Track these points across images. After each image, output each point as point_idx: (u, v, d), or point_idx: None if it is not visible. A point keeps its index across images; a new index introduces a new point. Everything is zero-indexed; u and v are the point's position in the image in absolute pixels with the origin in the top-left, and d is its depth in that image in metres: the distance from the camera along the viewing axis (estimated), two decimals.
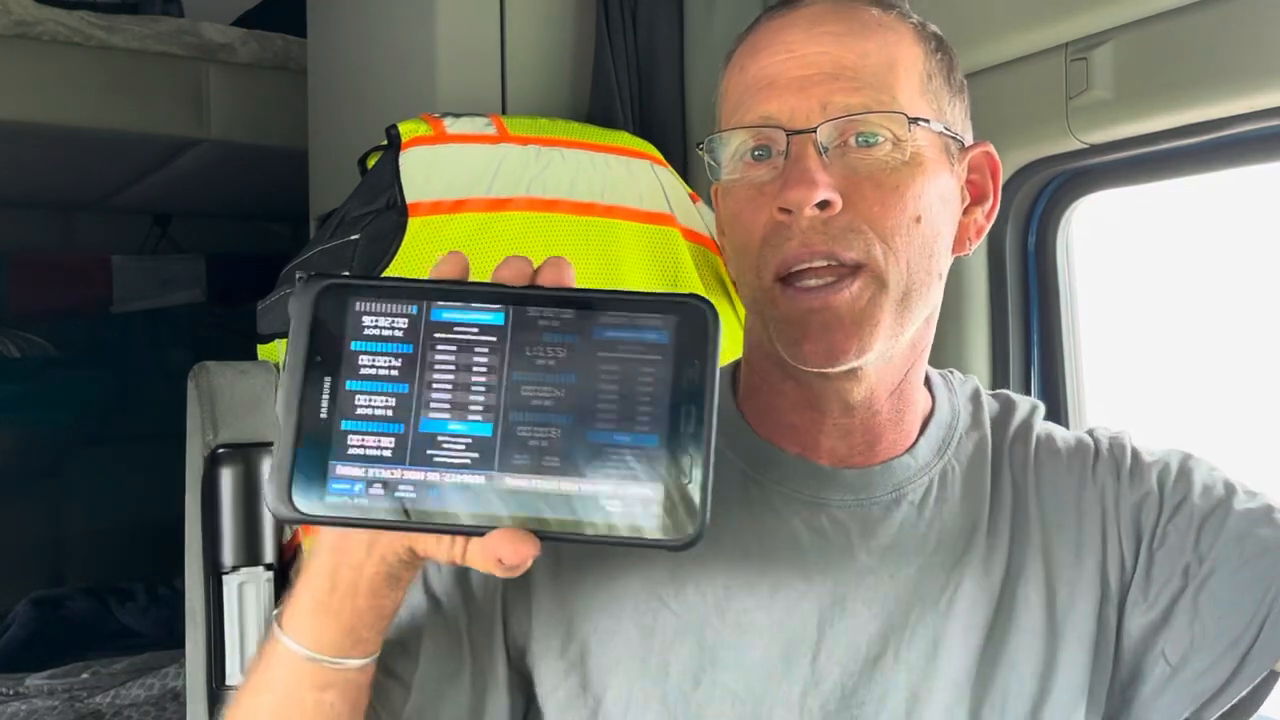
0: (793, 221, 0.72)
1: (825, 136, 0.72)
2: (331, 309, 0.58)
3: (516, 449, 0.56)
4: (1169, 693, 0.76)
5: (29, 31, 2.07)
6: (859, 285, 0.72)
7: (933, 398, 0.83)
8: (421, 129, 1.24)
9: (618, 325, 0.57)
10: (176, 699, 2.16)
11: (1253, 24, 0.95)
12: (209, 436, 1.13)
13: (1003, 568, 0.77)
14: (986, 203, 0.81)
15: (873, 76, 0.73)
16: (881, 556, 0.77)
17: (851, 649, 0.74)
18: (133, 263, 3.23)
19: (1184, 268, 1.30)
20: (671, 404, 0.56)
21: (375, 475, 0.57)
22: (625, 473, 0.56)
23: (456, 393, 0.57)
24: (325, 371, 0.57)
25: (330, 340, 0.57)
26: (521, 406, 0.56)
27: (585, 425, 0.56)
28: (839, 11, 0.75)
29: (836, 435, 0.79)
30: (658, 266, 1.33)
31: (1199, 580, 0.75)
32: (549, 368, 0.57)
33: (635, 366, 0.56)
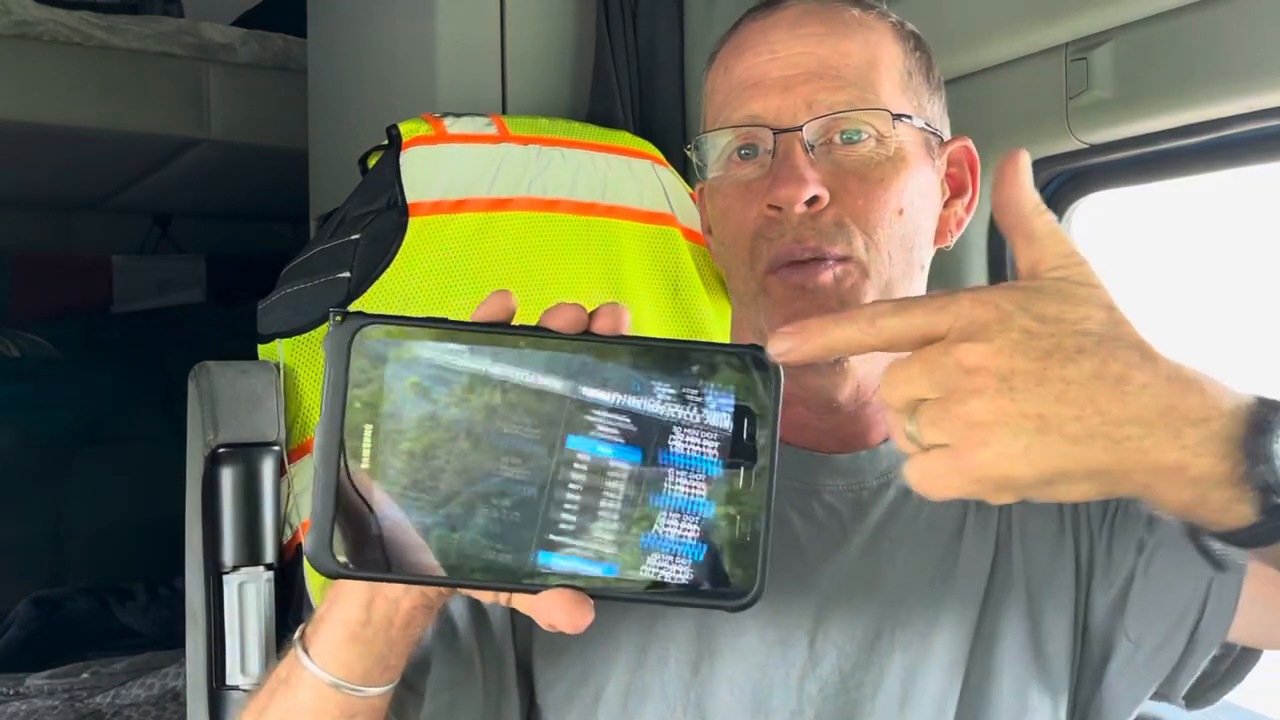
0: (783, 218, 0.74)
1: (811, 134, 0.74)
2: (368, 349, 0.54)
3: (568, 507, 0.54)
4: (1133, 669, 0.77)
5: (29, 31, 2.07)
6: (842, 269, 0.74)
7: None
8: (422, 129, 1.24)
9: (677, 379, 0.54)
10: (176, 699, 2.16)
11: (1253, 24, 0.95)
12: (209, 436, 1.13)
13: (992, 548, 0.79)
14: (966, 195, 0.83)
15: (855, 74, 0.75)
16: (875, 540, 0.78)
17: (847, 632, 0.76)
18: (133, 263, 3.23)
19: (1184, 268, 1.30)
20: (731, 461, 0.54)
21: (422, 529, 0.54)
22: (682, 530, 0.54)
23: (506, 448, 0.54)
24: (365, 418, 0.54)
25: (369, 384, 0.54)
26: (574, 462, 0.54)
27: (640, 481, 0.54)
28: (820, 12, 0.77)
29: (826, 428, 0.81)
30: (658, 266, 1.33)
31: (1148, 553, 0.76)
32: (605, 423, 0.54)
33: (693, 422, 0.54)
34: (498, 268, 1.24)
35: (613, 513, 0.54)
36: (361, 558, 0.54)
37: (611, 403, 0.54)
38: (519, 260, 1.25)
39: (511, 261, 1.25)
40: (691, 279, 1.34)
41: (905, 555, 0.78)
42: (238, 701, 1.11)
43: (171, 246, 3.25)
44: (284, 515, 1.16)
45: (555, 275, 1.27)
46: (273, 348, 1.20)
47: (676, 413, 0.54)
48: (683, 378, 0.54)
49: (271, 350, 1.20)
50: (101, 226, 3.22)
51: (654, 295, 1.32)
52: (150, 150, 2.38)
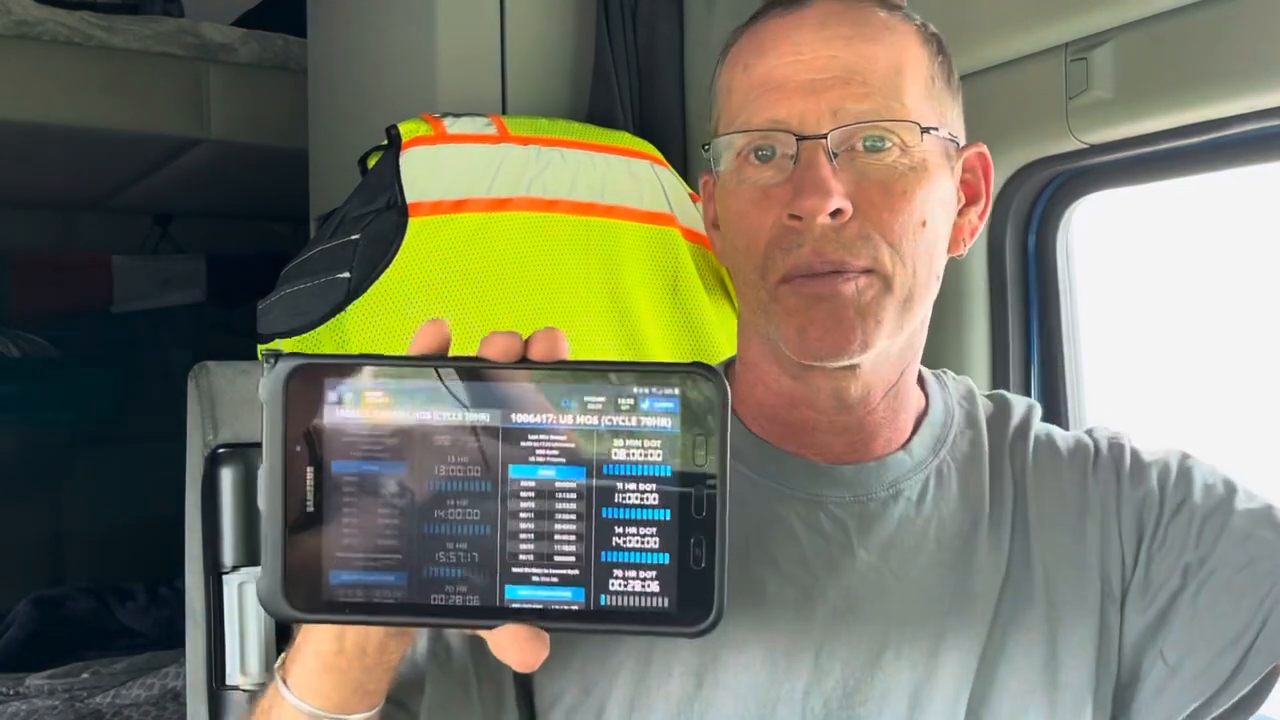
0: (804, 228, 0.72)
1: (835, 142, 0.72)
2: (306, 390, 0.53)
3: (520, 542, 0.53)
4: (1168, 693, 0.76)
5: (29, 31, 2.07)
6: (864, 281, 0.73)
7: (926, 396, 0.83)
8: (422, 129, 1.24)
9: (620, 404, 0.53)
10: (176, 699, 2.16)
11: (1253, 24, 0.95)
12: (209, 436, 1.13)
13: (1004, 565, 0.77)
14: (980, 203, 0.81)
15: (882, 81, 0.73)
16: (882, 553, 0.77)
17: (853, 646, 0.74)
18: (133, 263, 3.23)
19: (1184, 268, 1.30)
20: (680, 485, 0.53)
21: (373, 572, 0.53)
22: (635, 561, 0.53)
23: (452, 490, 0.53)
24: (307, 459, 0.53)
25: (310, 425, 0.53)
26: (521, 491, 0.53)
27: (590, 513, 0.53)
28: (847, 13, 0.75)
29: (832, 433, 0.79)
30: (658, 266, 1.33)
31: (1199, 580, 0.75)
32: (549, 457, 0.53)
33: (639, 447, 0.53)
34: (497, 268, 1.24)
35: (569, 534, 0.53)
36: (317, 599, 0.53)
37: (546, 425, 0.53)
38: (518, 260, 1.25)
39: (511, 262, 1.25)
40: (691, 279, 1.34)
41: (913, 570, 0.76)
42: (238, 701, 1.11)
43: (171, 246, 3.25)
44: None
45: (555, 275, 1.27)
46: (273, 348, 1.20)
47: (615, 422, 0.53)
48: (619, 390, 0.53)
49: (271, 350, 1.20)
50: (101, 226, 3.22)
51: (653, 295, 1.32)
52: (150, 150, 2.38)
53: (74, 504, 3.15)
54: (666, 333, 1.33)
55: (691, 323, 1.34)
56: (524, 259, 1.25)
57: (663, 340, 1.32)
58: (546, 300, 1.26)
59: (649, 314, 1.31)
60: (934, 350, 0.83)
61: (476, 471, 0.53)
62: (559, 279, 1.27)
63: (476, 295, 1.22)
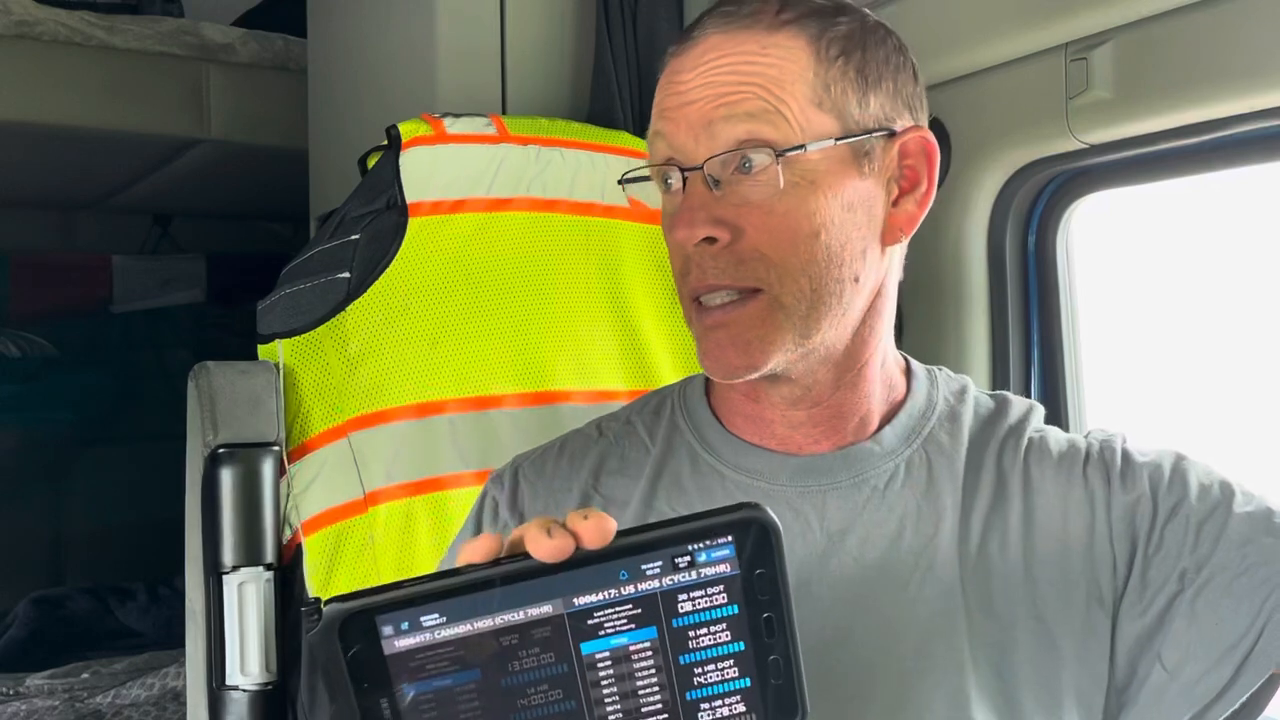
0: (691, 253, 0.76)
1: (714, 169, 0.75)
2: (359, 633, 0.52)
3: (607, 707, 0.54)
4: (1167, 698, 0.76)
5: (29, 31, 2.07)
6: (754, 305, 0.75)
7: (909, 388, 0.84)
8: (421, 129, 1.24)
9: (677, 563, 0.54)
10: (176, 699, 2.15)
11: (1253, 24, 0.95)
12: (209, 436, 1.13)
13: (974, 558, 0.78)
14: (918, 189, 0.80)
15: (754, 100, 0.74)
16: (838, 537, 0.78)
17: (813, 631, 0.75)
18: (133, 263, 3.22)
19: (1183, 268, 1.30)
20: (748, 618, 0.54)
21: None
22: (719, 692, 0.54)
23: (529, 681, 0.54)
24: (379, 694, 0.53)
25: (373, 661, 0.53)
26: (596, 664, 0.54)
27: (669, 664, 0.54)
28: (725, 41, 0.76)
29: (790, 426, 0.82)
30: (658, 266, 1.33)
31: (1197, 585, 0.75)
32: (618, 627, 0.54)
33: (704, 595, 0.54)
34: (497, 268, 1.24)
35: (652, 688, 0.54)
36: None
37: (609, 600, 0.54)
38: (518, 260, 1.25)
39: (511, 262, 1.25)
40: None
41: (870, 554, 0.78)
42: (238, 701, 1.11)
43: (171, 246, 3.25)
44: (283, 515, 1.16)
45: (554, 275, 1.27)
46: (273, 348, 1.20)
47: (676, 580, 0.54)
48: (673, 551, 0.54)
49: (271, 350, 1.20)
50: (101, 226, 3.22)
51: (652, 295, 1.32)
52: (150, 150, 2.38)
53: (74, 504, 3.15)
54: (666, 332, 1.33)
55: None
56: (524, 259, 1.25)
57: (662, 340, 1.32)
58: (546, 300, 1.26)
59: (649, 314, 1.32)
60: (934, 350, 0.84)
61: (550, 658, 0.54)
62: (559, 279, 1.27)
63: (476, 295, 1.22)
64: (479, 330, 1.21)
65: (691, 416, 0.87)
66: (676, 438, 0.87)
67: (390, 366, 1.18)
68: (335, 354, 1.18)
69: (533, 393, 1.23)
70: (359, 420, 1.17)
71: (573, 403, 1.25)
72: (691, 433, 0.86)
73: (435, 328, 1.20)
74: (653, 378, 1.29)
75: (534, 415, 1.22)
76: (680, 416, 0.88)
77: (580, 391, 1.25)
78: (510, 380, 1.22)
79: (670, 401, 0.90)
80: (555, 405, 1.24)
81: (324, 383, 1.18)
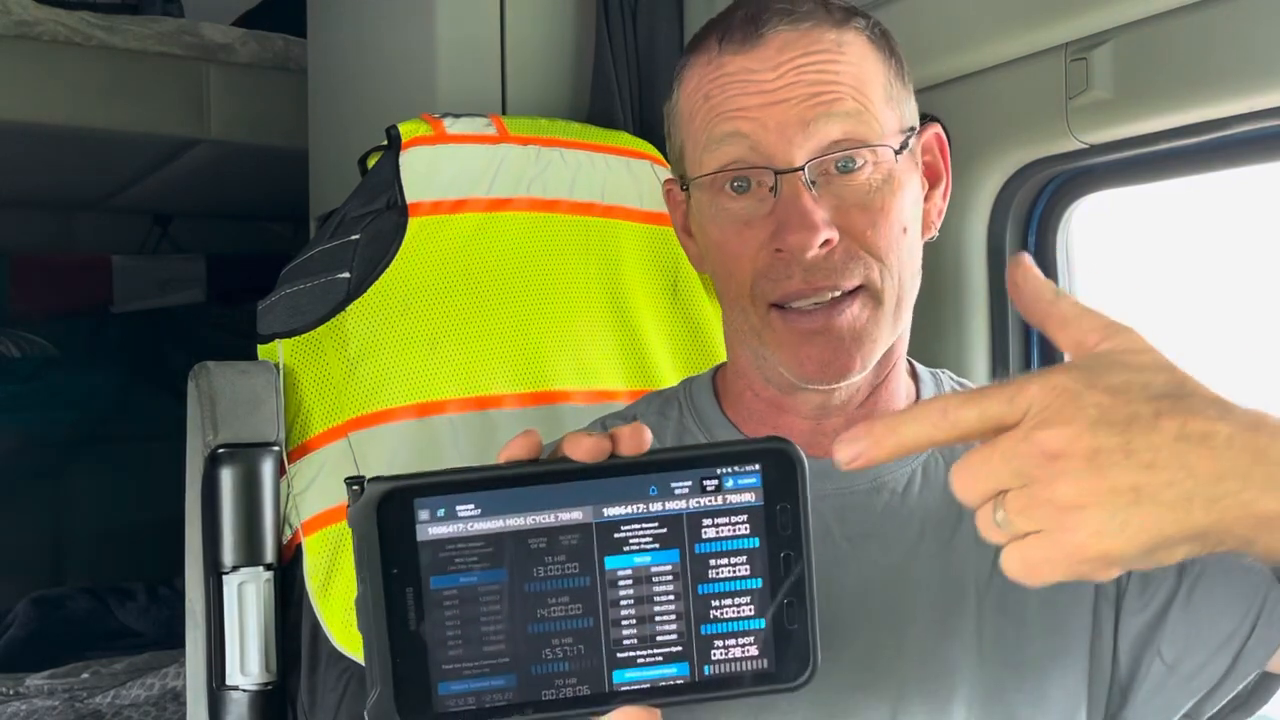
0: (791, 259, 0.74)
1: (812, 170, 0.74)
2: (397, 513, 0.54)
3: (623, 628, 0.55)
4: (1166, 691, 0.76)
5: (29, 31, 2.07)
6: (857, 306, 0.75)
7: (918, 392, 0.84)
8: (421, 129, 1.24)
9: (705, 485, 0.55)
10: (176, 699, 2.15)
11: (1253, 24, 0.95)
12: (209, 436, 1.13)
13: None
14: (942, 183, 0.83)
15: (848, 100, 0.74)
16: (861, 543, 0.78)
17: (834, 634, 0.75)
18: (133, 263, 3.22)
19: (1183, 268, 1.30)
20: (769, 553, 0.55)
21: (482, 678, 0.55)
22: (734, 630, 0.55)
23: (551, 589, 0.55)
24: (406, 579, 0.54)
25: (405, 546, 0.54)
26: (618, 581, 0.55)
27: (688, 591, 0.55)
28: (800, 38, 0.75)
29: (818, 435, 0.81)
30: (658, 267, 1.33)
31: (1194, 577, 0.75)
32: (643, 545, 0.55)
33: (728, 523, 0.55)
34: (497, 268, 1.24)
35: (669, 614, 0.55)
36: (429, 713, 0.55)
37: (637, 514, 0.55)
38: (518, 260, 1.25)
39: (511, 262, 1.25)
40: (691, 279, 1.34)
41: (892, 558, 0.77)
42: (238, 701, 1.11)
43: (171, 246, 3.25)
44: (284, 515, 1.16)
45: (554, 276, 1.27)
46: (272, 348, 1.20)
47: (702, 504, 0.55)
48: (703, 472, 0.55)
49: (271, 350, 1.20)
50: (101, 226, 3.22)
51: (653, 296, 1.32)
52: (150, 150, 2.38)
53: (74, 504, 3.15)
54: (666, 333, 1.33)
55: (691, 323, 1.34)
56: (524, 259, 1.25)
57: (662, 340, 1.32)
58: (546, 300, 1.26)
59: (649, 314, 1.32)
60: (934, 350, 0.84)
61: (574, 568, 0.55)
62: (559, 279, 1.27)
63: (476, 295, 1.22)
64: (479, 330, 1.21)
65: (702, 419, 0.86)
66: (686, 440, 0.86)
67: (390, 367, 1.18)
68: (335, 354, 1.18)
69: (533, 393, 1.23)
70: (359, 420, 1.17)
71: (573, 403, 1.25)
72: (703, 435, 0.85)
73: (435, 328, 1.20)
74: (653, 378, 1.29)
75: (534, 415, 1.22)
76: (690, 419, 0.87)
77: (580, 391, 1.25)
78: (510, 380, 1.22)
79: (677, 403, 0.89)
80: (555, 405, 1.24)
81: (324, 383, 1.18)
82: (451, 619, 0.54)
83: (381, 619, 0.54)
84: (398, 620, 0.54)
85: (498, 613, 0.54)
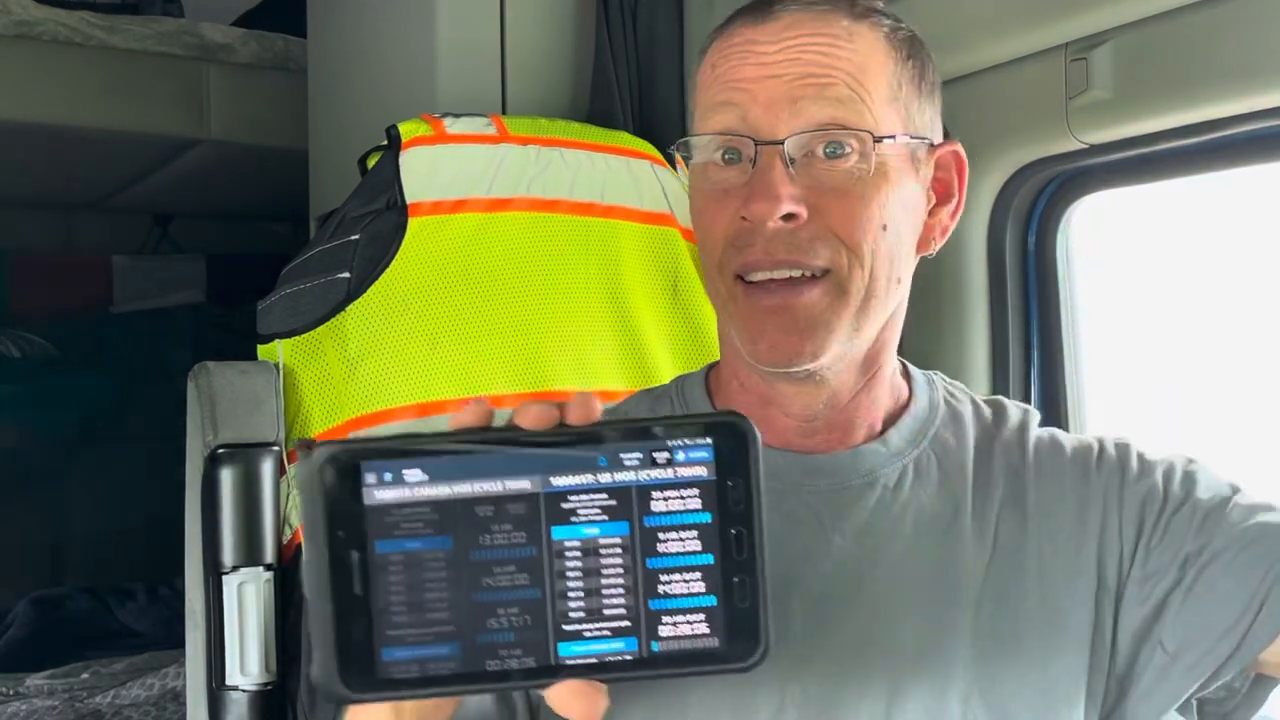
0: (755, 228, 0.74)
1: (793, 147, 0.74)
2: (343, 476, 0.53)
3: (569, 600, 0.54)
4: (1168, 680, 0.76)
5: (29, 31, 2.07)
6: (819, 291, 0.74)
7: (911, 392, 0.84)
8: (421, 129, 1.24)
9: (655, 458, 0.54)
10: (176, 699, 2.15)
11: (1253, 24, 0.95)
12: (209, 436, 1.13)
13: (989, 553, 0.78)
14: (952, 201, 0.82)
15: (841, 87, 0.74)
16: (857, 539, 0.78)
17: (832, 632, 0.75)
18: (133, 263, 3.22)
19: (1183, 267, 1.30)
20: (720, 529, 0.54)
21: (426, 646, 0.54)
22: (683, 606, 0.54)
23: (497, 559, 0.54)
24: (351, 543, 0.53)
25: (350, 509, 0.53)
26: (565, 552, 0.54)
27: (636, 565, 0.54)
28: (811, 20, 0.76)
29: (804, 433, 0.81)
30: (658, 267, 1.33)
31: (1197, 567, 0.75)
32: (591, 516, 0.54)
33: (678, 497, 0.54)
34: (497, 268, 1.24)
35: (617, 587, 0.54)
36: (372, 678, 0.54)
37: (585, 485, 0.54)
38: (518, 261, 1.25)
39: (510, 262, 1.25)
40: (690, 279, 1.34)
41: (889, 555, 0.77)
42: (238, 701, 1.11)
43: (171, 246, 3.25)
44: (283, 515, 1.16)
45: (554, 276, 1.27)
46: (272, 348, 1.20)
47: (652, 476, 0.54)
48: (653, 444, 0.54)
49: (271, 350, 1.20)
50: (101, 226, 3.22)
51: (653, 296, 1.32)
52: (150, 150, 2.38)
53: (74, 504, 3.15)
54: (666, 333, 1.33)
55: (691, 322, 1.34)
56: (524, 259, 1.25)
57: (662, 340, 1.32)
58: (546, 301, 1.26)
59: (648, 314, 1.32)
60: (934, 350, 0.83)
61: (521, 538, 0.54)
62: (559, 279, 1.27)
63: (476, 295, 1.22)
64: (479, 330, 1.21)
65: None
66: None
67: (390, 367, 1.18)
68: (335, 354, 1.18)
69: (532, 393, 1.23)
70: (359, 420, 1.17)
71: None
72: None
73: (435, 328, 1.20)
74: (653, 378, 1.29)
75: None
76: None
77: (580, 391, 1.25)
78: (510, 380, 1.22)
79: (669, 400, 0.89)
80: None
81: (324, 383, 1.18)
82: (396, 585, 0.54)
83: (326, 582, 0.53)
84: (342, 584, 0.54)
85: (443, 580, 0.54)
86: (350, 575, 0.54)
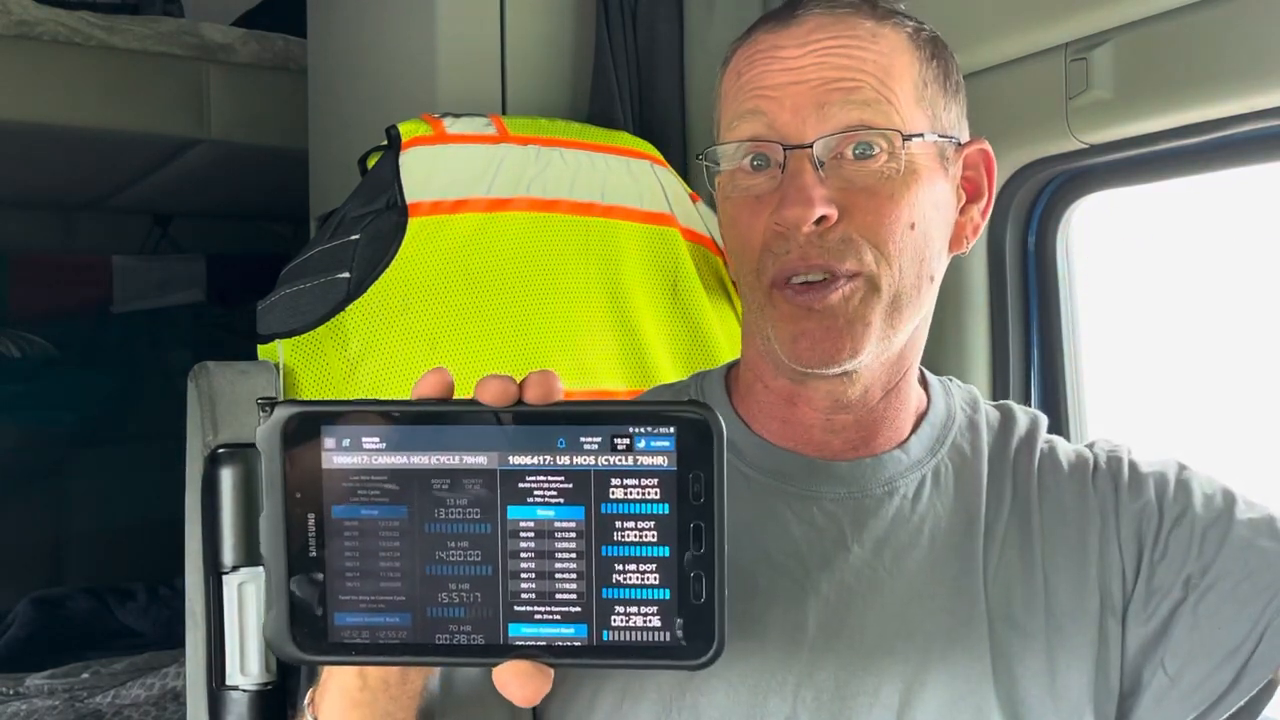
0: (790, 234, 0.74)
1: (821, 150, 0.74)
2: (304, 437, 0.53)
3: (522, 581, 0.54)
4: (1168, 703, 0.76)
5: (29, 31, 2.07)
6: (851, 286, 0.74)
7: (929, 398, 0.84)
8: (421, 129, 1.24)
9: (616, 444, 0.53)
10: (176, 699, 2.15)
11: (1253, 24, 0.95)
12: (209, 436, 1.13)
13: (998, 567, 0.78)
14: (982, 200, 0.82)
15: (868, 89, 0.74)
16: (875, 549, 0.78)
17: (846, 640, 0.75)
18: (133, 263, 3.22)
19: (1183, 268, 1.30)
20: (679, 522, 0.53)
21: (377, 614, 0.54)
22: (636, 597, 0.54)
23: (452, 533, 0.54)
24: (308, 505, 0.54)
25: (309, 471, 0.54)
26: (520, 532, 0.54)
27: (590, 551, 0.53)
28: (835, 23, 0.76)
29: (830, 431, 0.80)
30: (657, 267, 1.33)
31: (1200, 591, 0.75)
32: (547, 497, 0.53)
33: (637, 486, 0.53)
34: (497, 268, 1.24)
35: (570, 572, 0.54)
36: (323, 641, 0.54)
37: (543, 466, 0.53)
38: (518, 261, 1.25)
39: (510, 262, 1.25)
40: (690, 279, 1.34)
41: (907, 566, 0.77)
42: (238, 701, 1.11)
43: (171, 246, 3.25)
44: None
45: (554, 276, 1.27)
46: (272, 348, 1.20)
47: (612, 462, 0.53)
48: (615, 430, 0.53)
49: (271, 350, 1.20)
50: (101, 226, 3.22)
51: (652, 296, 1.32)
52: (150, 150, 2.38)
53: (74, 504, 3.15)
54: (666, 333, 1.33)
55: (691, 322, 1.34)
56: (524, 259, 1.25)
57: (662, 340, 1.32)
58: (546, 300, 1.26)
59: (648, 314, 1.31)
60: (934, 350, 0.83)
61: (476, 514, 0.54)
62: (559, 279, 1.27)
63: (476, 295, 1.22)
64: (479, 330, 1.21)
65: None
66: None
67: (390, 366, 1.18)
68: (335, 354, 1.18)
69: None
70: None
71: None
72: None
73: (435, 328, 1.20)
74: (653, 378, 1.29)
75: None
76: None
77: (580, 391, 1.25)
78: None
79: (687, 395, 0.88)
80: None
81: (324, 383, 1.18)
82: (351, 550, 0.54)
83: (281, 542, 0.54)
84: (297, 545, 0.54)
85: (396, 549, 0.54)
86: (306, 536, 0.54)
